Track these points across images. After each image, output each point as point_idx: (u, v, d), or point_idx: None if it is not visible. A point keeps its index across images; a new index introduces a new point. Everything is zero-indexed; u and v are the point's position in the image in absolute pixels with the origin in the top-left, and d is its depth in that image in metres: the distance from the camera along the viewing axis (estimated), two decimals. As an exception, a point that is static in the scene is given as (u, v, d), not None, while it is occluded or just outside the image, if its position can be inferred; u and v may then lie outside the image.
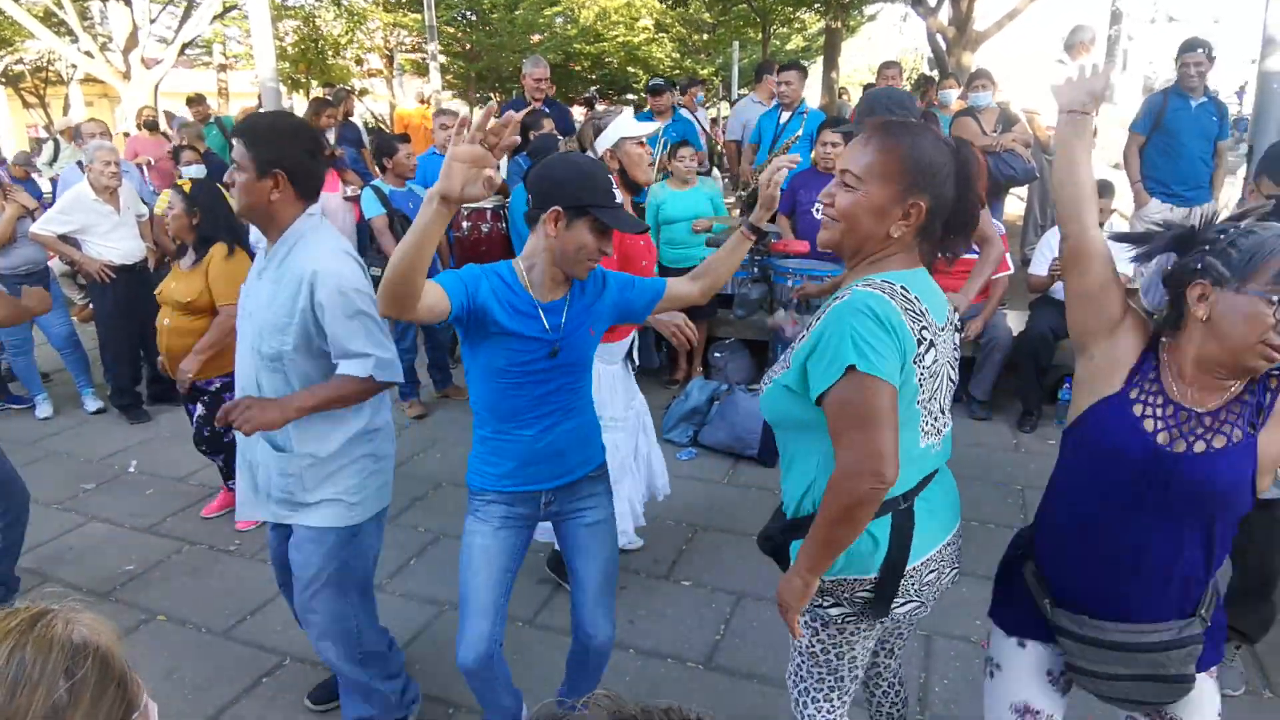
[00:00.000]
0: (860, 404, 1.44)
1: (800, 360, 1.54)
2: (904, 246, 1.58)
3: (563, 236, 1.95)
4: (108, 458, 4.73)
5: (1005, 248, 4.90)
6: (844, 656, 1.74)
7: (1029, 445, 4.68)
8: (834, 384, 1.45)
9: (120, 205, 5.01)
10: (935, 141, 1.55)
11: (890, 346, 1.45)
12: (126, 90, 12.39)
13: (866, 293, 1.48)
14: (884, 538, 1.59)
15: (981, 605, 3.14)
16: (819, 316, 1.55)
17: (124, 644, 2.75)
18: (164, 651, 3.00)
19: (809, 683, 1.81)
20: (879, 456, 1.43)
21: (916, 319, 1.51)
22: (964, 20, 10.65)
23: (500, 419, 2.07)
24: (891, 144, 1.54)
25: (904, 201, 1.53)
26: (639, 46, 21.08)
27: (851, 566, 1.60)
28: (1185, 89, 5.28)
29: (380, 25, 17.93)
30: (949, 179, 1.54)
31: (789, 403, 1.59)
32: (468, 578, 2.14)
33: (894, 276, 1.54)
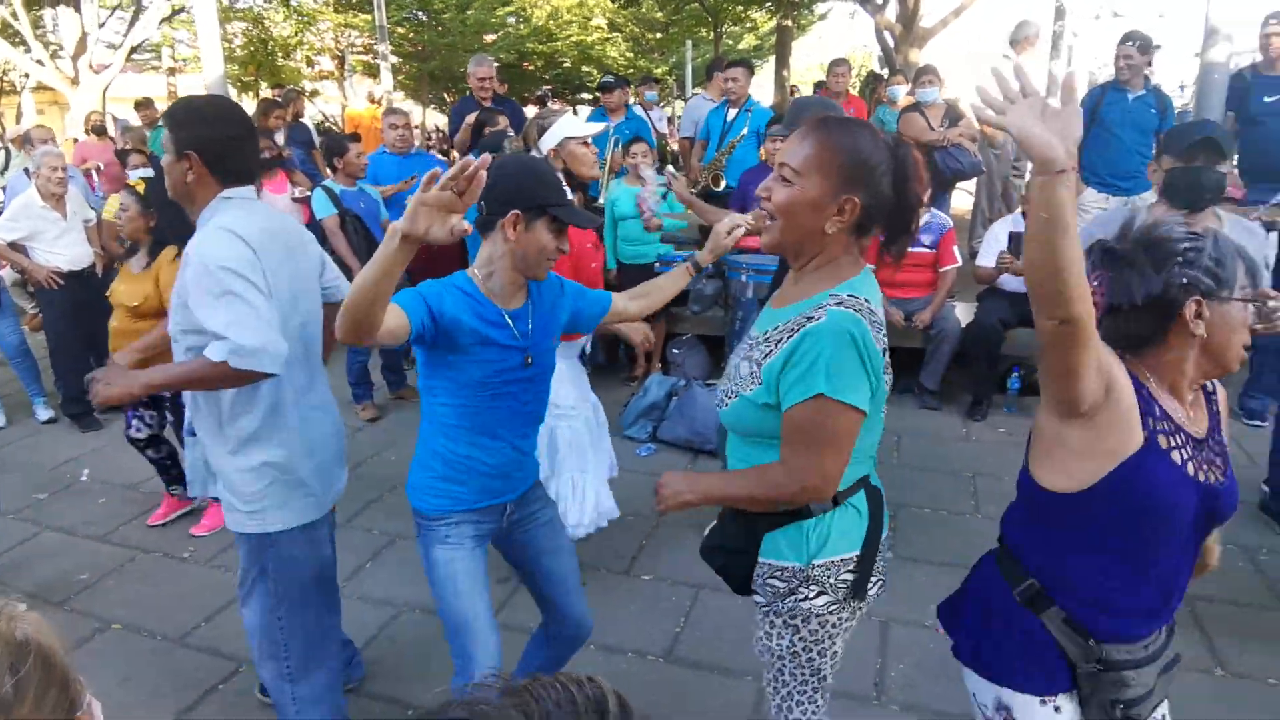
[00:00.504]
0: (820, 428, 1.48)
1: (773, 377, 1.54)
2: (843, 246, 1.58)
3: (523, 239, 1.93)
4: (60, 466, 4.65)
5: (953, 241, 5.03)
6: (826, 653, 1.72)
7: (979, 434, 4.79)
8: (800, 403, 1.49)
9: (67, 211, 4.95)
10: (873, 139, 1.56)
11: (862, 375, 1.48)
12: (75, 96, 12.14)
13: (843, 314, 1.48)
14: (864, 509, 1.64)
15: (935, 590, 3.23)
16: (789, 332, 1.54)
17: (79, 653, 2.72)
18: (119, 660, 2.97)
19: (792, 686, 1.77)
20: (825, 478, 1.50)
21: (879, 329, 1.54)
22: (911, 17, 10.82)
23: (478, 433, 2.02)
24: (829, 139, 1.55)
25: (839, 197, 1.53)
26: (592, 46, 21.08)
27: (840, 545, 1.62)
28: (1120, 82, 5.44)
29: (330, 26, 17.72)
30: (886, 177, 1.54)
31: (762, 418, 1.58)
32: (464, 605, 2.08)
33: (853, 288, 1.55)
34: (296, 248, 2.23)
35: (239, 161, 2.10)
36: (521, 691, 0.56)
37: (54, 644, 0.85)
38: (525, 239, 1.93)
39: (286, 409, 2.16)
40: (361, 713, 2.70)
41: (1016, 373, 5.06)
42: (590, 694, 0.57)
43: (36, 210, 4.82)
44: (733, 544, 1.73)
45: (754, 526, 1.67)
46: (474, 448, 2.03)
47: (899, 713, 2.66)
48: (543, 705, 0.55)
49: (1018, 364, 5.09)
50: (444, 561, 2.08)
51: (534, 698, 0.56)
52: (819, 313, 1.50)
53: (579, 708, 0.56)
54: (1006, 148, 7.04)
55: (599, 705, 0.56)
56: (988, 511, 3.91)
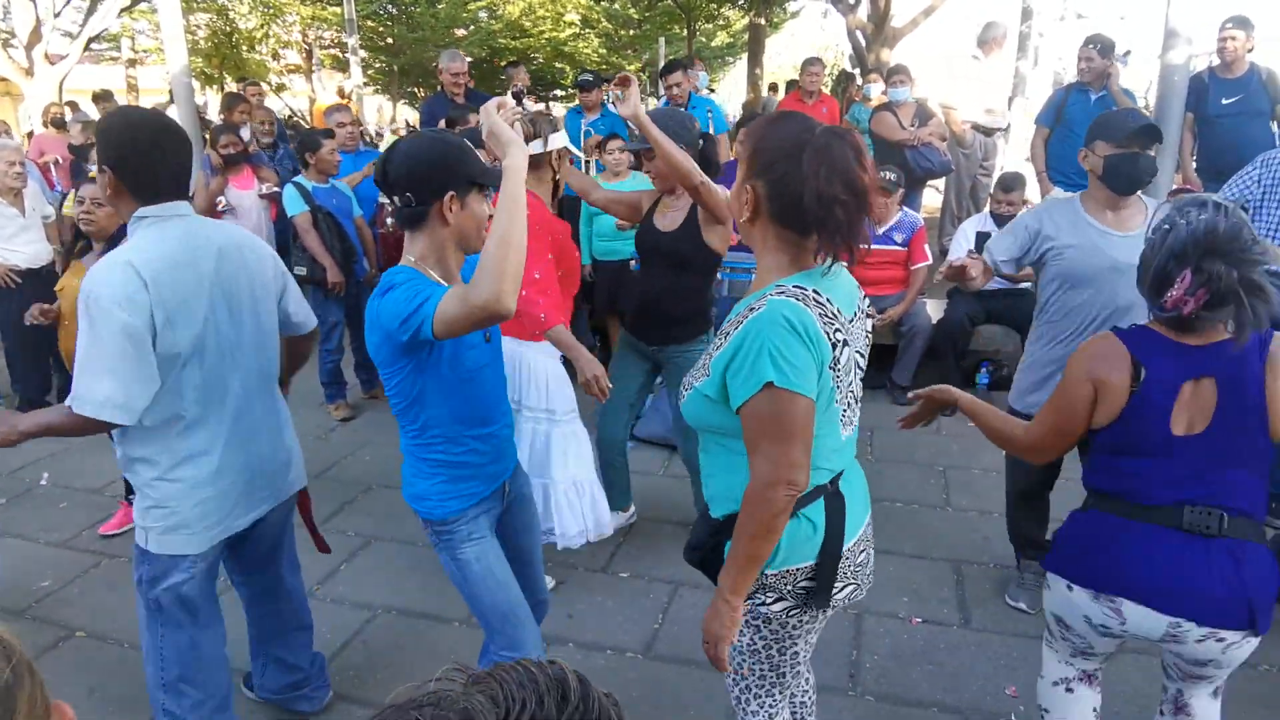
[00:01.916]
0: (776, 418, 1.47)
1: (720, 369, 1.55)
2: (774, 237, 1.58)
3: (460, 217, 1.89)
4: (18, 470, 4.53)
5: (924, 239, 5.07)
6: (786, 652, 1.74)
7: (950, 428, 4.82)
8: (752, 397, 1.48)
9: (25, 207, 4.80)
10: (787, 130, 1.54)
11: (807, 359, 1.47)
12: (30, 87, 11.84)
13: (782, 302, 1.49)
14: (820, 520, 1.62)
15: (905, 582, 3.28)
16: (736, 325, 1.55)
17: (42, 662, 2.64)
18: (85, 669, 2.90)
19: (750, 680, 1.81)
20: (792, 467, 1.48)
21: (830, 321, 1.52)
22: (882, 17, 10.90)
23: (475, 424, 2.02)
24: (750, 132, 1.62)
25: (744, 185, 1.57)
26: (565, 42, 21.03)
27: (792, 556, 1.61)
28: (1083, 83, 5.53)
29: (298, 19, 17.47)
30: (788, 169, 1.50)
31: (710, 411, 1.60)
32: (507, 594, 2.11)
33: (803, 279, 1.55)
34: (230, 271, 2.11)
35: (149, 176, 1.99)
36: (485, 678, 0.59)
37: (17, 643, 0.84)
38: (463, 217, 1.89)
39: (172, 444, 2.07)
40: (339, 716, 2.67)
41: (985, 368, 5.12)
42: (552, 674, 0.60)
43: (-9, 205, 4.68)
44: (705, 543, 1.73)
45: (717, 529, 1.69)
46: (474, 440, 2.03)
47: (874, 703, 2.68)
48: (506, 688, 0.58)
49: (987, 360, 5.15)
50: (476, 557, 2.08)
51: (498, 682, 0.58)
52: (761, 303, 1.52)
53: (541, 687, 0.58)
54: (975, 147, 7.11)
55: (561, 685, 0.59)
56: (958, 504, 3.95)
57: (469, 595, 2.13)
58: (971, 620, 3.08)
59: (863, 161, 1.51)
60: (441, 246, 1.91)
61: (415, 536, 3.73)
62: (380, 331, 1.85)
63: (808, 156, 1.48)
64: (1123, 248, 2.62)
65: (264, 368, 2.25)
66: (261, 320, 2.22)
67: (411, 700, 0.58)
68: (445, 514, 2.04)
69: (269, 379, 2.30)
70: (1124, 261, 2.52)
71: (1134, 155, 2.59)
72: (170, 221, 2.03)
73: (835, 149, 1.48)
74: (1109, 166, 2.63)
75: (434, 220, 1.88)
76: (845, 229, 1.50)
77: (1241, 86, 5.39)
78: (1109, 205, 2.72)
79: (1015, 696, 2.69)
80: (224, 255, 2.10)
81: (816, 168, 1.47)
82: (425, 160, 1.84)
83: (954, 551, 3.53)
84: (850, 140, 1.52)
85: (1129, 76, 6.72)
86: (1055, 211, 2.84)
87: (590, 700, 0.60)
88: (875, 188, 1.64)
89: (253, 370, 2.20)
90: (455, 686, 0.60)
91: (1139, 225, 2.63)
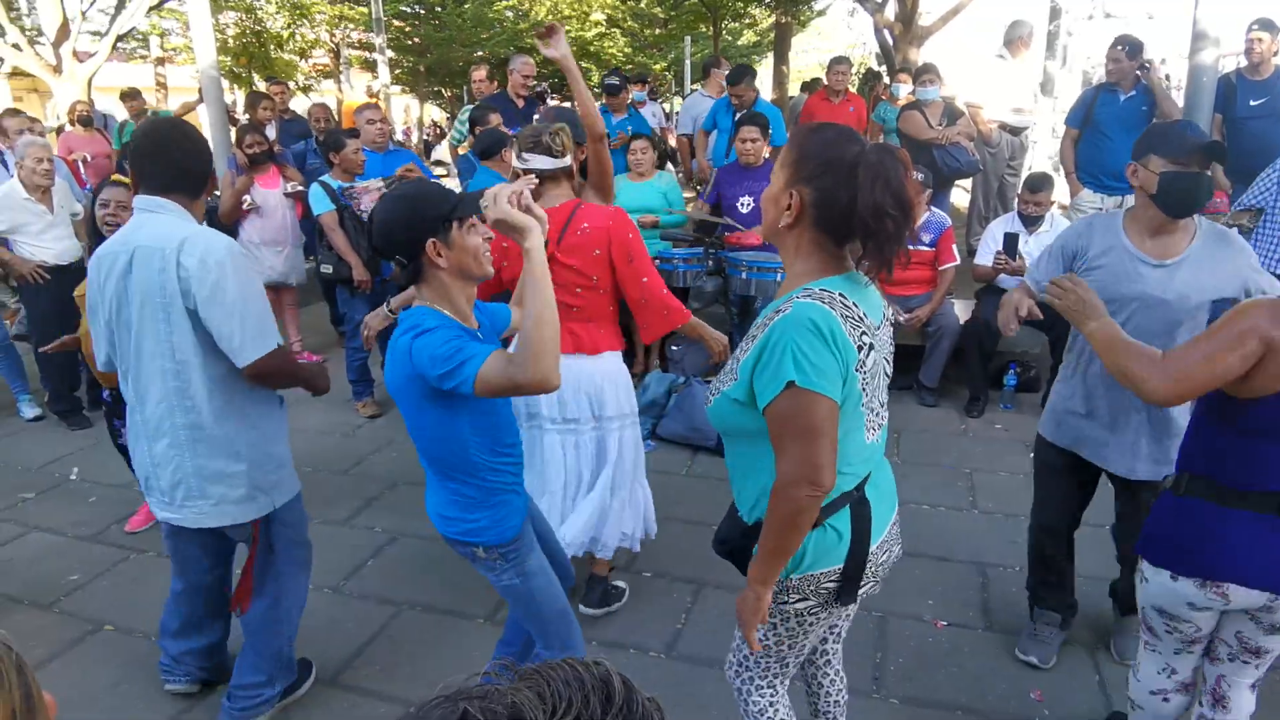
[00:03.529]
0: (799, 418, 1.49)
1: (746, 372, 1.57)
2: (812, 243, 1.59)
3: (451, 256, 1.91)
4: (47, 465, 4.59)
5: (951, 239, 5.02)
6: (795, 646, 1.80)
7: (976, 430, 4.78)
8: (775, 397, 1.50)
9: (54, 204, 4.85)
10: (837, 140, 1.56)
11: (831, 361, 1.48)
12: (58, 85, 11.98)
13: (807, 304, 1.50)
14: (845, 529, 1.64)
15: (930, 585, 3.24)
16: (762, 327, 1.57)
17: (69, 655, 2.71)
18: (112, 662, 2.93)
19: (754, 672, 1.88)
20: (816, 467, 1.49)
21: (856, 325, 1.54)
22: (910, 16, 10.81)
23: (510, 447, 2.08)
24: (796, 137, 1.62)
25: (787, 190, 1.58)
26: (591, 42, 21.04)
27: (819, 561, 1.64)
28: (1112, 83, 5.47)
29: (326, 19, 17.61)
30: (842, 178, 1.52)
31: (738, 414, 1.61)
32: (560, 595, 2.20)
33: (831, 284, 1.56)
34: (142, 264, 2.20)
35: (152, 175, 2.26)
36: (533, 674, 0.60)
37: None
38: (454, 255, 1.92)
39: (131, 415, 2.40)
40: (364, 711, 2.68)
41: (1013, 370, 5.06)
42: (597, 674, 0.61)
43: (20, 202, 4.72)
44: (735, 539, 1.76)
45: (745, 531, 1.72)
46: (510, 457, 2.09)
47: (898, 705, 2.66)
48: (553, 685, 0.59)
49: (1014, 361, 5.10)
50: (538, 566, 2.14)
51: (545, 679, 0.59)
52: (787, 305, 1.53)
53: (587, 687, 0.59)
54: (1002, 147, 7.04)
55: (606, 685, 0.60)
56: (984, 506, 3.91)
57: (533, 606, 2.16)
58: (996, 623, 3.04)
59: (910, 179, 1.54)
60: (446, 288, 1.95)
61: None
62: (408, 370, 1.87)
63: (863, 170, 1.50)
64: (1154, 280, 2.39)
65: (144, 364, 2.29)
66: (153, 321, 2.23)
67: (460, 691, 0.59)
68: (509, 534, 2.07)
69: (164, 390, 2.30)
70: (1154, 295, 2.38)
71: (1194, 176, 2.28)
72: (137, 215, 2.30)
73: (888, 164, 1.52)
74: (1164, 186, 2.31)
75: (429, 269, 1.93)
76: (892, 241, 1.53)
77: (1269, 88, 5.32)
78: (1153, 229, 2.40)
79: (1040, 701, 2.65)
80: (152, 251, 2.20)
81: (871, 181, 1.50)
82: (395, 224, 1.92)
83: (979, 554, 3.49)
84: (900, 157, 1.56)
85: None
86: (1096, 226, 2.58)
87: (634, 703, 0.61)
88: (919, 203, 1.64)
89: (135, 365, 2.30)
90: (502, 681, 0.60)
91: (1182, 249, 2.38)
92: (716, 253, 4.87)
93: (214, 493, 2.35)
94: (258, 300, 2.26)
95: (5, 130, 6.39)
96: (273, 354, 2.26)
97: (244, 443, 2.36)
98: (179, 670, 2.73)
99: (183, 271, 2.16)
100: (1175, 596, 1.88)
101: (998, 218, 5.62)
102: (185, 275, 2.16)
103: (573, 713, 0.57)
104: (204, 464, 2.32)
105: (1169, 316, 2.38)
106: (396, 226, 1.91)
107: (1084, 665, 2.82)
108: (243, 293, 2.21)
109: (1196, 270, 2.36)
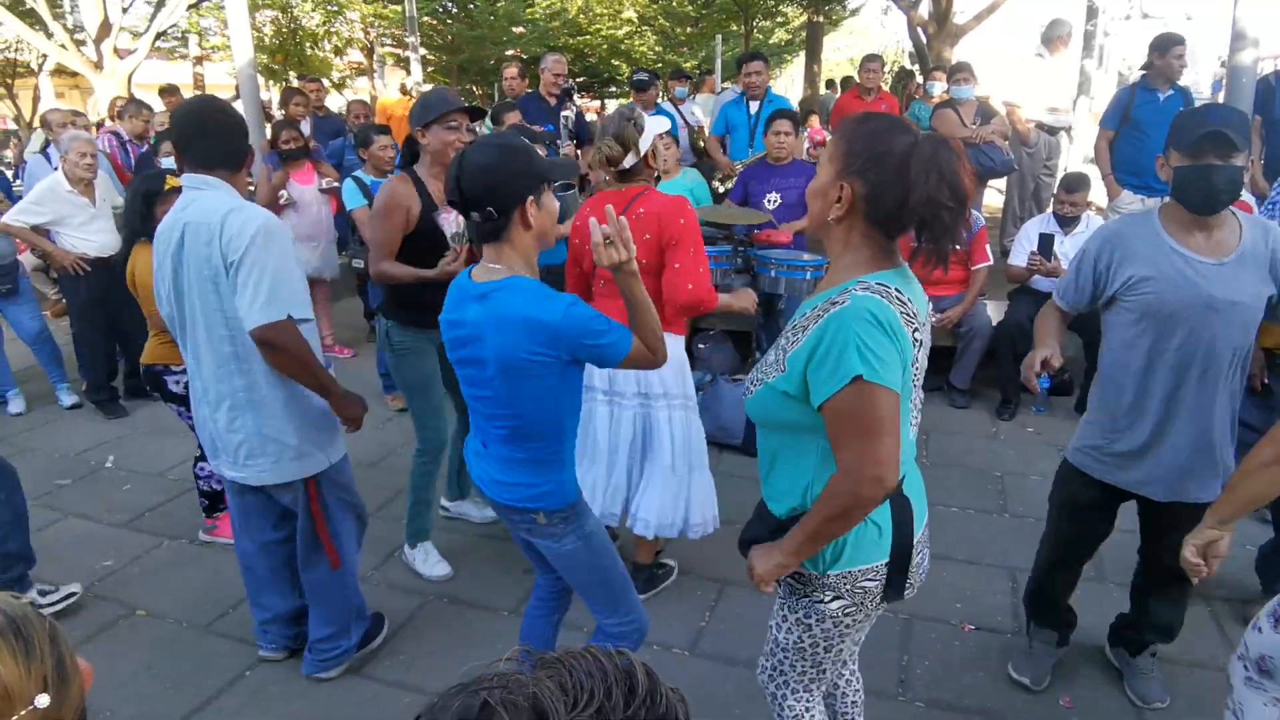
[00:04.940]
0: (865, 413, 1.45)
1: (799, 365, 1.52)
2: (862, 236, 1.55)
3: (539, 218, 1.90)
4: (83, 453, 4.68)
5: (985, 239, 4.96)
6: (831, 649, 1.74)
7: (1008, 433, 4.72)
8: (838, 392, 1.45)
9: (96, 197, 4.94)
10: (890, 132, 1.52)
11: (893, 352, 1.45)
12: (99, 82, 12.20)
13: (866, 297, 1.46)
14: (886, 523, 1.61)
15: (958, 588, 3.21)
16: (814, 319, 1.52)
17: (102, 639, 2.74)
18: (143, 646, 2.98)
19: (789, 677, 1.82)
20: (883, 463, 1.46)
21: (910, 321, 1.50)
22: (944, 14, 10.71)
23: (579, 413, 2.05)
24: (844, 129, 1.57)
25: (837, 183, 1.53)
26: (622, 40, 21.04)
27: (857, 557, 1.60)
28: (1169, 81, 5.35)
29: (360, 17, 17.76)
30: (896, 170, 1.48)
31: (785, 407, 1.57)
32: (621, 566, 2.18)
33: (885, 277, 1.52)
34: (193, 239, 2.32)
35: (197, 151, 2.39)
36: (554, 663, 0.59)
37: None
38: (541, 217, 1.90)
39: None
40: (387, 701, 2.70)
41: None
42: (620, 665, 0.60)
43: (63, 194, 4.81)
44: (763, 538, 1.72)
45: (778, 526, 1.67)
46: (577, 425, 2.05)
47: (923, 709, 2.64)
48: (575, 676, 0.58)
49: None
50: (597, 525, 2.12)
51: (567, 669, 0.58)
52: (843, 297, 1.49)
53: (609, 678, 0.58)
54: (1039, 146, 6.95)
55: (629, 677, 0.59)
56: (1015, 510, 3.85)
57: (598, 570, 2.12)
58: (1026, 628, 3.00)
59: (964, 169, 1.50)
60: (528, 250, 1.93)
61: (466, 525, 3.77)
62: (542, 337, 1.82)
63: (916, 162, 1.47)
64: (1218, 280, 2.13)
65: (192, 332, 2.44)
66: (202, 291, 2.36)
67: (480, 680, 0.58)
68: (572, 497, 2.05)
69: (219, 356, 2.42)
70: (1220, 297, 2.13)
71: (1206, 169, 2.07)
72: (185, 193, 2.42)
73: (943, 156, 1.48)
74: (1178, 183, 2.16)
75: (516, 227, 1.88)
76: (948, 235, 1.50)
77: None
78: (1197, 224, 2.17)
79: (1070, 707, 2.62)
80: (196, 229, 2.32)
81: (925, 174, 1.46)
82: (501, 171, 1.83)
83: (1009, 559, 3.44)
84: (953, 147, 1.52)
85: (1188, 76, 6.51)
86: (1126, 230, 2.29)
87: (658, 695, 0.59)
88: (973, 195, 1.59)
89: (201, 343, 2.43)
90: (523, 668, 0.59)
91: (1234, 248, 2.15)
92: (745, 251, 4.85)
93: (272, 449, 2.50)
94: (280, 271, 2.31)
95: (49, 125, 6.52)
96: (279, 324, 2.30)
97: (297, 402, 2.50)
98: (266, 638, 2.87)
99: (223, 245, 2.28)
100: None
101: (1033, 218, 5.55)
102: (225, 247, 2.28)
103: (594, 704, 0.56)
104: (262, 423, 2.47)
105: (1244, 319, 2.17)
106: (502, 174, 1.82)
107: (1115, 673, 2.77)
108: (264, 261, 2.28)
109: (1258, 264, 2.15)
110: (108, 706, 2.63)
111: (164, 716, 2.63)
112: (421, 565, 3.42)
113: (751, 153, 6.02)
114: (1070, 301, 2.44)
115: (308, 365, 2.42)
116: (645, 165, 2.94)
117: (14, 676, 0.77)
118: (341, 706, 2.69)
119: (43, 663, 0.80)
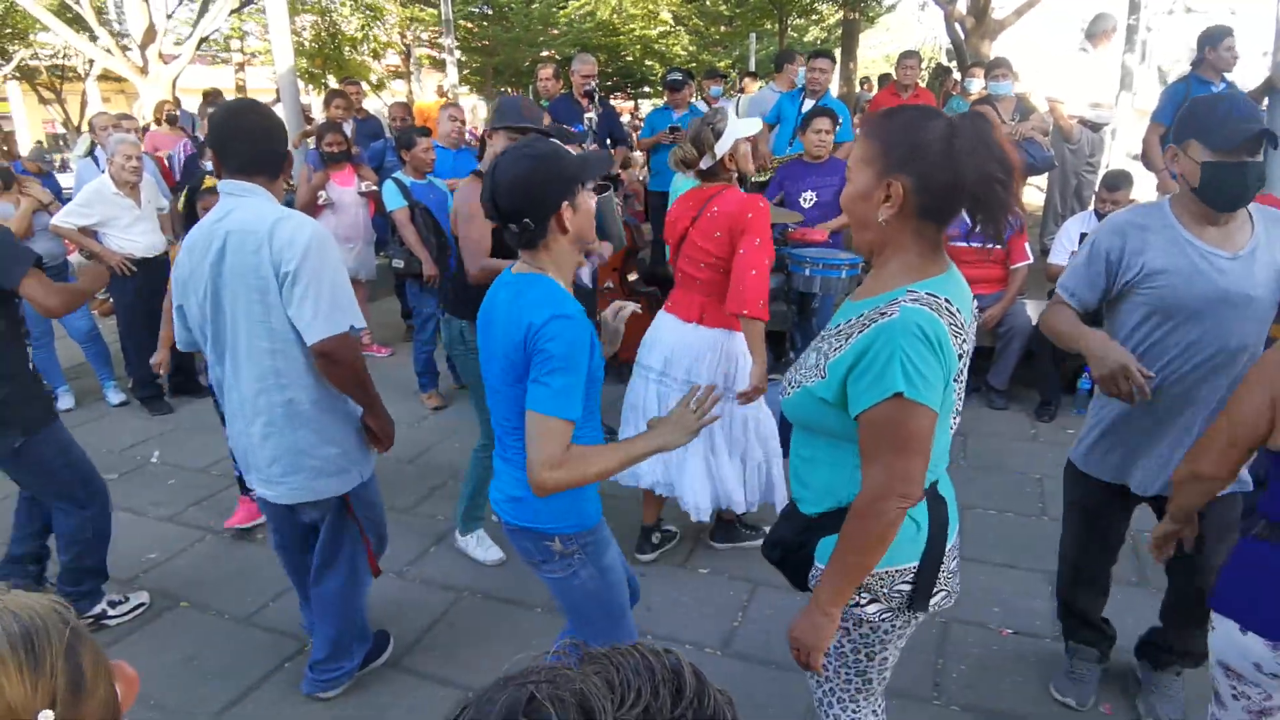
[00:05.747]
0: (900, 430, 1.42)
1: (840, 373, 1.48)
2: (911, 234, 1.50)
3: (576, 221, 1.87)
4: (130, 449, 4.79)
5: (1024, 237, 4.89)
6: (875, 657, 1.68)
7: (1047, 435, 4.65)
8: (876, 405, 1.42)
9: (141, 199, 5.06)
10: (921, 118, 1.47)
11: (938, 371, 1.42)
12: (144, 86, 12.48)
13: (916, 310, 1.42)
14: (924, 520, 1.57)
15: (996, 591, 3.17)
16: (859, 327, 1.48)
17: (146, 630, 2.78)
18: (186, 638, 3.04)
19: (835, 683, 1.75)
20: (909, 480, 1.44)
21: (959, 333, 1.46)
22: (982, 10, 10.56)
23: (598, 423, 1.97)
24: (870, 128, 1.53)
25: (882, 182, 1.47)
26: (656, 40, 21.06)
27: (894, 556, 1.55)
28: (1219, 74, 5.24)
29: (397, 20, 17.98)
30: (942, 154, 1.43)
31: (822, 413, 1.54)
32: (625, 592, 2.11)
33: (936, 286, 1.47)
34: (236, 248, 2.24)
35: (232, 157, 2.31)
36: (602, 659, 0.58)
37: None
38: (578, 220, 1.87)
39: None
40: (423, 694, 2.74)
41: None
42: (668, 664, 0.58)
43: (110, 196, 4.92)
44: (789, 540, 1.70)
45: (808, 525, 1.65)
46: (595, 430, 1.96)
47: (959, 712, 2.61)
48: (623, 673, 0.56)
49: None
50: (615, 559, 2.05)
51: (614, 666, 0.57)
52: (892, 308, 1.43)
53: (657, 677, 0.57)
54: (1082, 142, 6.82)
55: (677, 676, 0.58)
56: (1054, 513, 3.77)
57: (603, 604, 2.03)
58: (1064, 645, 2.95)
59: (1002, 135, 1.47)
60: (566, 254, 1.90)
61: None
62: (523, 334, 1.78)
63: (960, 140, 1.43)
64: (1233, 273, 2.09)
65: (236, 344, 2.34)
66: (245, 296, 2.27)
67: (527, 673, 0.57)
68: (591, 520, 1.97)
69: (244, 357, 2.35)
70: (1236, 291, 2.08)
71: (1240, 166, 2.00)
72: (223, 199, 2.34)
73: (982, 129, 1.45)
74: (1207, 178, 2.04)
75: (553, 233, 1.85)
76: (1003, 208, 1.46)
77: None
78: (1211, 217, 2.11)
79: (1110, 715, 2.57)
80: (238, 238, 2.24)
81: (971, 151, 1.43)
82: (533, 182, 1.81)
83: (1047, 562, 3.36)
84: (989, 118, 1.49)
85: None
86: (1138, 222, 2.21)
87: (705, 696, 0.58)
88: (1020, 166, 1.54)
89: (228, 344, 2.36)
90: (570, 661, 0.58)
91: (1247, 241, 2.11)
92: (779, 249, 4.83)
93: (308, 466, 2.43)
94: (338, 283, 2.29)
95: (94, 129, 6.68)
96: (342, 337, 2.28)
97: (338, 419, 2.45)
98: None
99: (274, 254, 2.21)
100: (1243, 654, 1.71)
101: (1074, 216, 5.45)
102: (276, 257, 2.21)
103: (642, 703, 0.54)
104: (299, 440, 2.40)
105: (1259, 314, 2.12)
106: (535, 184, 1.80)
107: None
108: (322, 273, 2.24)
109: (1272, 257, 2.11)
110: (151, 696, 2.69)
111: (206, 706, 2.69)
112: (475, 550, 3.50)
113: (789, 150, 5.98)
114: (1081, 300, 2.32)
115: (363, 379, 2.41)
116: (723, 167, 3.05)
117: (18, 694, 0.74)
118: (379, 697, 2.73)
119: (52, 678, 0.77)
